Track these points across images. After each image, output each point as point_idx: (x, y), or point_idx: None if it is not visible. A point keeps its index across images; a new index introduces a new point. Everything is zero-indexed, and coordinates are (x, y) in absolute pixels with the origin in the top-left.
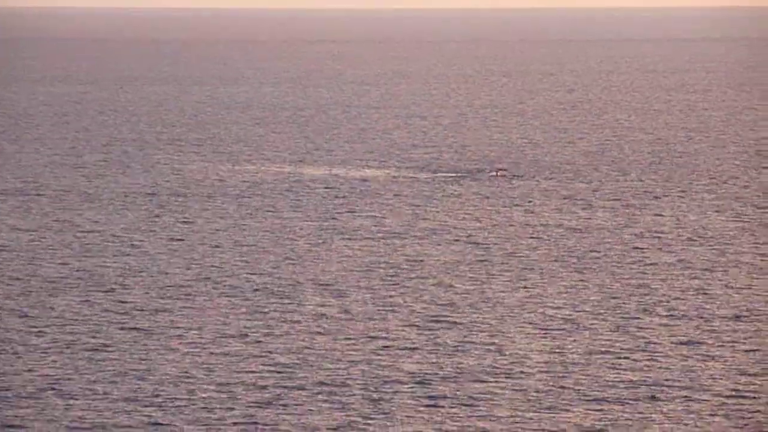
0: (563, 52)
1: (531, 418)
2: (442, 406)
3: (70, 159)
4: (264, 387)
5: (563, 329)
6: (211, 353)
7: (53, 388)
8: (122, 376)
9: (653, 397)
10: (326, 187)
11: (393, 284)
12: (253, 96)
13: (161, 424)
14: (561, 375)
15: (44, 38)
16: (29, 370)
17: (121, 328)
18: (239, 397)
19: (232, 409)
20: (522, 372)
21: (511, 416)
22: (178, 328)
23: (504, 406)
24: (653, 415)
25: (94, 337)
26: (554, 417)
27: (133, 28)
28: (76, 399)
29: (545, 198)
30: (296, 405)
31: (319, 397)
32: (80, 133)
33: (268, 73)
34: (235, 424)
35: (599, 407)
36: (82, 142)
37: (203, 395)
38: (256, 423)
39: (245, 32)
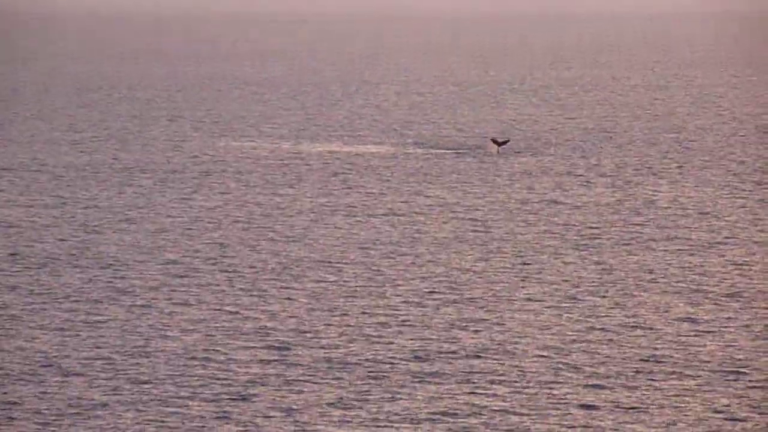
0: (561, 29)
1: (528, 395)
2: (440, 383)
3: (68, 135)
4: (261, 363)
5: (561, 306)
6: (209, 330)
7: (51, 366)
8: (120, 353)
9: (650, 374)
10: (324, 164)
11: (391, 261)
12: (250, 72)
13: (161, 400)
14: (559, 351)
15: (39, 15)
16: (26, 348)
17: (119, 305)
18: (237, 373)
19: (230, 385)
20: (520, 348)
21: (510, 393)
22: (176, 304)
23: (502, 383)
24: (650, 392)
25: (91, 314)
26: (552, 393)
27: (129, 3)
28: (75, 377)
29: (544, 174)
30: (294, 381)
31: (317, 374)
32: (78, 109)
33: (265, 49)
34: (232, 400)
35: (597, 383)
36: (80, 119)
37: (201, 372)
38: (253, 400)
39: (239, 8)
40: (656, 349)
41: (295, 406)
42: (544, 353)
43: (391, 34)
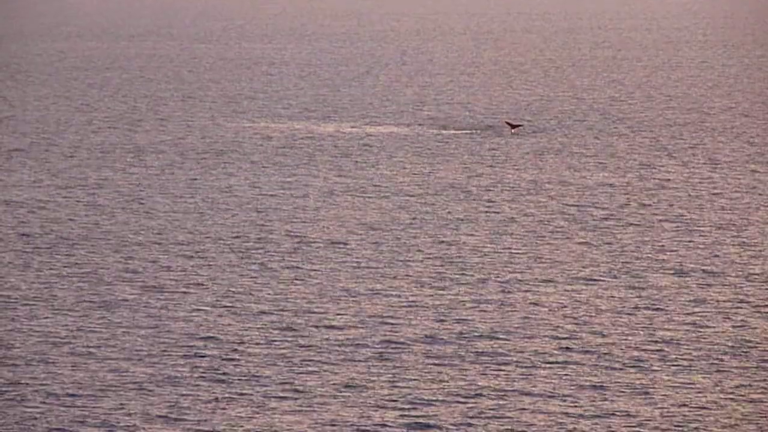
0: (572, 10)
1: (540, 377)
2: (451, 364)
3: (79, 115)
4: (272, 344)
5: (572, 287)
6: (220, 311)
7: (62, 346)
8: (131, 333)
9: (662, 355)
10: (335, 144)
11: (402, 242)
12: (261, 52)
13: (172, 381)
14: (570, 333)
15: None
16: (37, 328)
17: (130, 286)
18: (248, 354)
19: (241, 366)
20: (530, 330)
21: (521, 374)
22: (187, 285)
23: (513, 364)
24: (661, 374)
25: (102, 295)
26: (562, 375)
27: None
28: (85, 357)
29: (556, 155)
30: (303, 363)
31: (327, 355)
32: (89, 89)
33: (276, 29)
34: (240, 381)
35: (608, 364)
36: (91, 99)
37: (212, 352)
38: (264, 381)
39: None
40: (668, 330)
41: (305, 388)
42: (555, 334)
43: (403, 15)
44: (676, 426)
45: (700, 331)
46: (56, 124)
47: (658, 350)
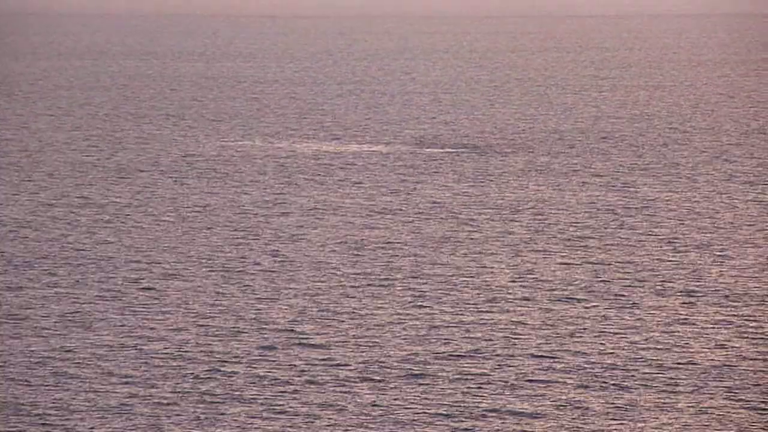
0: (555, 29)
1: (522, 396)
2: (434, 384)
3: (62, 133)
4: (255, 364)
5: (554, 306)
6: (201, 330)
7: (42, 366)
8: (113, 354)
9: (643, 374)
10: (318, 163)
11: (384, 261)
12: (245, 71)
13: (153, 400)
14: (552, 352)
15: (35, 13)
16: (17, 348)
17: (111, 306)
18: (232, 374)
19: (225, 386)
20: (513, 350)
21: (503, 393)
22: (168, 304)
23: (495, 384)
24: (643, 394)
25: (83, 314)
26: (545, 394)
27: (126, 1)
28: (66, 377)
29: (538, 174)
30: (288, 383)
31: (311, 374)
32: (72, 107)
33: (261, 48)
34: (223, 402)
35: (590, 383)
36: (74, 117)
37: (194, 372)
38: (246, 400)
39: (236, 7)
40: (649, 350)
41: (287, 407)
42: (537, 354)
43: (386, 34)
44: None
45: (682, 351)
46: (38, 143)
47: (639, 370)
